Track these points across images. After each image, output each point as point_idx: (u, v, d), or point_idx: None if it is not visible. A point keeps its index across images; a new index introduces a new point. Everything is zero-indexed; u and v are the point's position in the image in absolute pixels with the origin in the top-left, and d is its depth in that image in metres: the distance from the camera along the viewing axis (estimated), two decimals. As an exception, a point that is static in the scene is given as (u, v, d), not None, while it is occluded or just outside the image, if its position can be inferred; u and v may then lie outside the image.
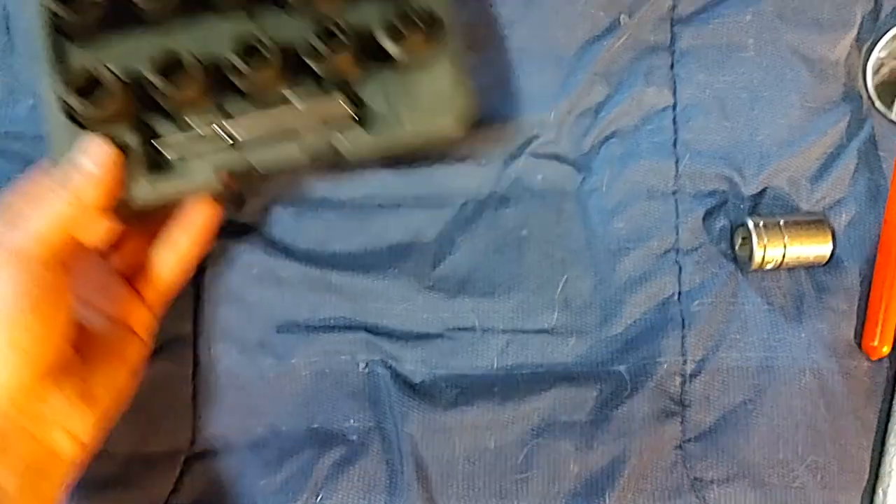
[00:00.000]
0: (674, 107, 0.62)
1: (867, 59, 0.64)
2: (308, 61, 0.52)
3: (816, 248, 0.60)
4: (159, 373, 0.58)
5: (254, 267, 0.60)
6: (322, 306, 0.60)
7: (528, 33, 0.63)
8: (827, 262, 0.61)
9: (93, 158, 0.49)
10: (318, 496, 0.58)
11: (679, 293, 0.61)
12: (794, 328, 0.60)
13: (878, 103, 0.63)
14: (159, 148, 0.52)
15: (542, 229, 0.61)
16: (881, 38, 0.63)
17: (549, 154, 0.62)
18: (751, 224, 0.60)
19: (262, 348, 0.60)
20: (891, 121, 0.63)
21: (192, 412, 0.59)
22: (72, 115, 0.50)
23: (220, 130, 0.52)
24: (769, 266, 0.60)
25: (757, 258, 0.59)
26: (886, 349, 0.60)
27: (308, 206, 0.61)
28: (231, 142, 0.52)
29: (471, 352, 0.60)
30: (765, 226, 0.59)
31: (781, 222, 0.60)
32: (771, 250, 0.59)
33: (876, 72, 0.63)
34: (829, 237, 0.60)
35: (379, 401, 0.59)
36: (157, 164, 0.52)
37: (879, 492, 0.59)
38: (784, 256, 0.60)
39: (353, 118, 0.53)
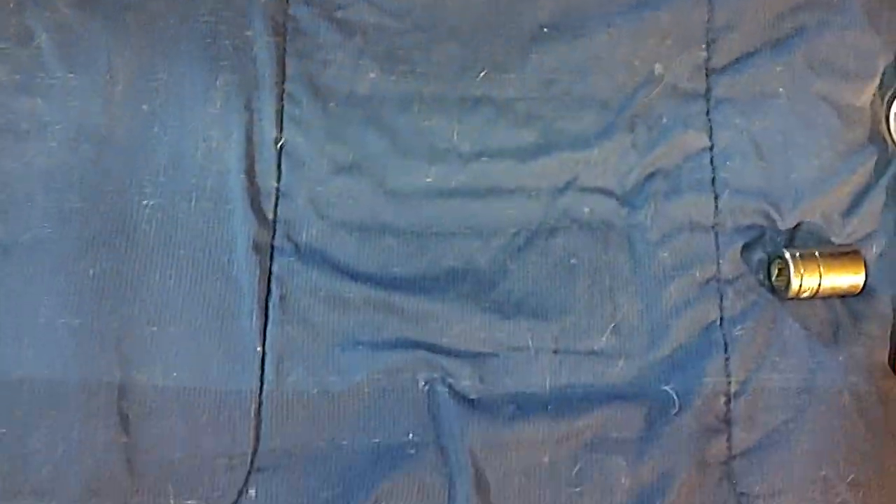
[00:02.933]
0: (711, 148, 0.67)
1: (889, 107, 0.69)
2: None
3: (851, 277, 0.64)
4: (226, 386, 0.62)
5: (321, 289, 0.64)
6: (384, 327, 0.63)
7: (570, 79, 0.68)
8: (860, 292, 0.65)
9: None
10: (377, 508, 0.60)
11: (721, 319, 0.64)
12: (832, 352, 0.63)
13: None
14: None
15: (591, 258, 0.65)
16: (903, 87, 0.68)
17: (594, 189, 0.66)
18: (788, 255, 0.63)
19: (328, 366, 0.63)
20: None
21: (257, 426, 0.62)
22: None
23: None
24: (805, 294, 0.63)
25: (794, 287, 0.63)
26: (919, 374, 0.63)
27: (370, 233, 0.65)
28: None
29: (525, 371, 0.63)
30: (801, 256, 0.63)
31: (817, 253, 0.64)
32: (808, 279, 0.63)
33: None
34: (863, 268, 0.64)
35: (438, 417, 0.62)
36: None
37: (918, 513, 0.61)
38: (819, 285, 0.63)
39: None
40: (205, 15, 0.67)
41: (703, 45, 0.69)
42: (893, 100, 0.69)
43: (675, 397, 0.62)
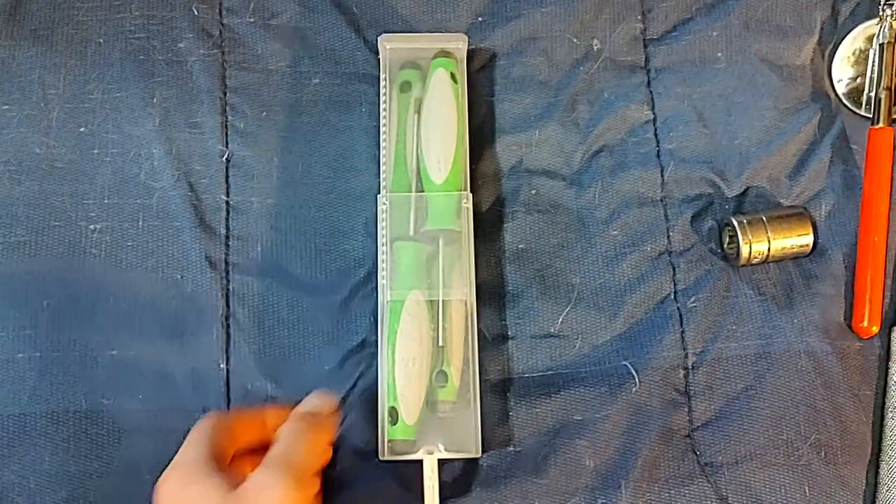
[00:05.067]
0: (654, 120, 0.67)
1: (831, 61, 0.68)
2: None
3: (798, 239, 0.64)
4: (193, 404, 0.62)
5: (280, 304, 0.64)
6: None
7: (508, 61, 0.68)
8: (811, 252, 0.65)
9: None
10: None
11: (675, 292, 0.64)
12: (787, 315, 0.63)
13: (846, 100, 0.68)
14: None
15: (540, 241, 0.65)
16: (842, 41, 0.68)
17: (540, 171, 0.66)
18: (735, 222, 0.63)
19: (292, 382, 0.63)
20: (861, 115, 0.67)
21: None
22: None
23: None
24: (756, 260, 0.64)
25: (744, 253, 0.63)
26: (875, 328, 0.63)
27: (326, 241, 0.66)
28: None
29: (482, 358, 0.63)
30: (749, 222, 0.63)
31: (764, 218, 0.64)
32: (756, 245, 0.63)
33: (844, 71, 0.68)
34: (810, 227, 0.64)
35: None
36: None
37: (883, 464, 0.62)
38: (769, 249, 0.63)
39: None
40: (133, 31, 0.67)
41: (639, 16, 0.69)
42: (834, 54, 0.68)
43: (634, 374, 0.62)
